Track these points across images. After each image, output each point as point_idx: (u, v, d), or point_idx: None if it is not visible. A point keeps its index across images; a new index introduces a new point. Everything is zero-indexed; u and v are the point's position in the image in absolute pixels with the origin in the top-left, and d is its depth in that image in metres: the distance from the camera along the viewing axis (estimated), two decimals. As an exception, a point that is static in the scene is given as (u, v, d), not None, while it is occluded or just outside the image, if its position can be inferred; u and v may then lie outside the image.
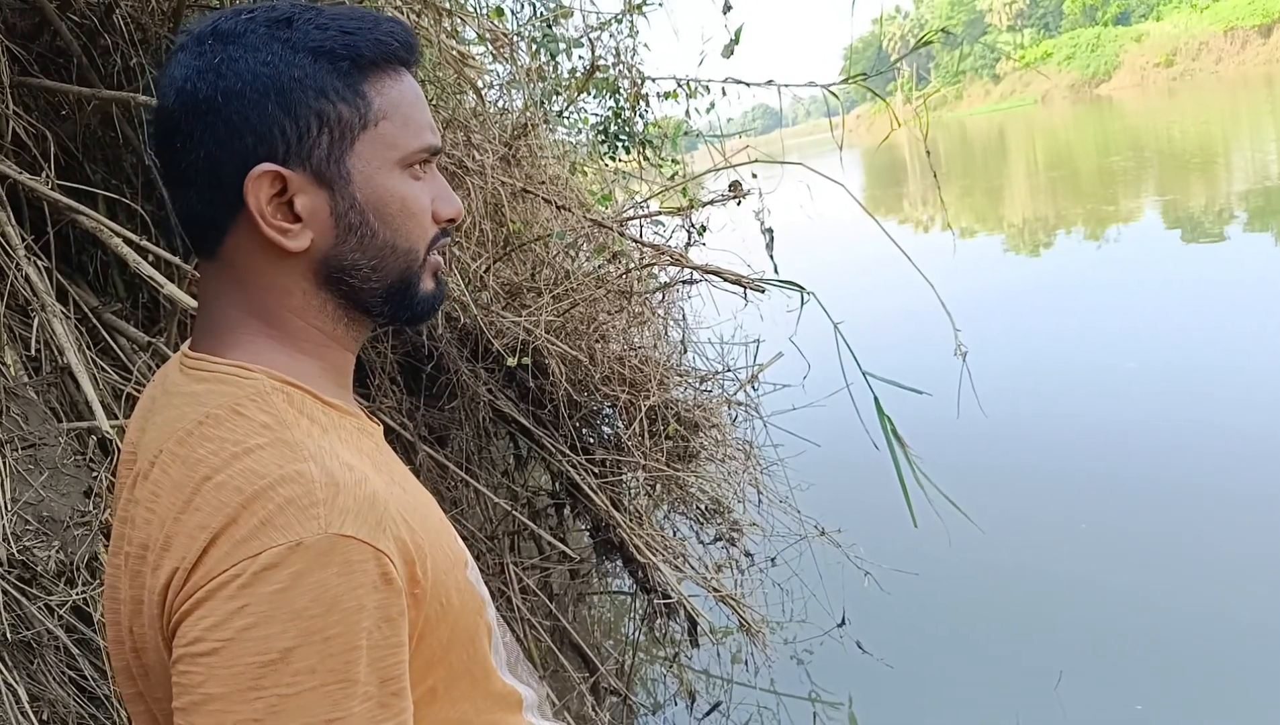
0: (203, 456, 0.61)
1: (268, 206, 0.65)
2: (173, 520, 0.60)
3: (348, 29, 0.66)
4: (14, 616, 1.53)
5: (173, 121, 0.65)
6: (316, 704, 0.55)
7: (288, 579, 0.56)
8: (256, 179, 0.64)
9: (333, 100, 0.65)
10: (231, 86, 0.64)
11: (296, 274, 0.68)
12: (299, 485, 0.59)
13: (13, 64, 1.89)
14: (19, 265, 1.78)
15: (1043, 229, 11.97)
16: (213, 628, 0.56)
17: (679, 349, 3.32)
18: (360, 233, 0.68)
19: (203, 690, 0.55)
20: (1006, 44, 68.86)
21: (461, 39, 3.02)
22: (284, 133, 0.64)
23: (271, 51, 0.64)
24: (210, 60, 0.64)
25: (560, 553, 2.95)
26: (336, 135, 0.66)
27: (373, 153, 0.67)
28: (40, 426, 1.73)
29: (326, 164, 0.66)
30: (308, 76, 0.65)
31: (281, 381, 0.66)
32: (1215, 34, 50.19)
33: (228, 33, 0.65)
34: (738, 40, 2.71)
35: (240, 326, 0.68)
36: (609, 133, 4.12)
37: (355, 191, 0.67)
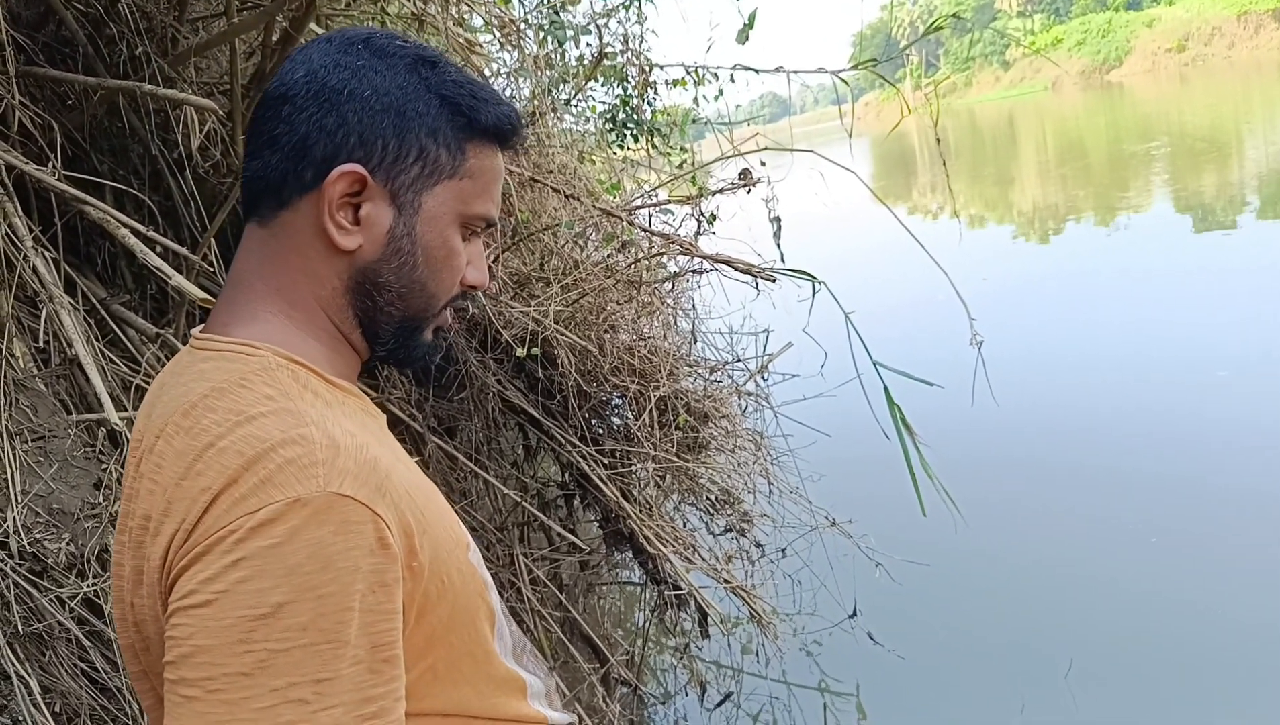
0: (206, 426, 0.63)
1: (339, 200, 0.69)
2: (174, 487, 0.61)
3: (477, 95, 0.73)
4: (25, 609, 1.53)
5: (291, 93, 0.70)
6: (306, 662, 0.56)
7: (284, 534, 0.57)
8: (344, 173, 0.69)
9: (438, 142, 0.72)
10: (360, 90, 0.69)
11: (334, 270, 0.71)
12: (300, 447, 0.60)
13: (18, 53, 1.88)
14: (27, 256, 1.77)
15: (1053, 217, 11.88)
16: (207, 581, 0.56)
17: (689, 339, 3.30)
18: (403, 259, 0.72)
19: (193, 642, 0.56)
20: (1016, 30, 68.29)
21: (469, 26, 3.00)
22: (385, 148, 0.70)
23: (409, 81, 0.71)
24: (353, 61, 0.70)
25: (570, 544, 2.94)
26: (427, 171, 0.71)
27: (446, 199, 0.73)
28: (49, 418, 1.73)
29: (406, 190, 0.71)
30: (428, 114, 0.71)
31: (288, 359, 0.68)
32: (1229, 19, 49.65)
33: (379, 48, 0.72)
34: (751, 25, 2.68)
35: (262, 301, 0.71)
36: (617, 121, 4.09)
37: (417, 223, 0.72)
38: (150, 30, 2.12)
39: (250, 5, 2.26)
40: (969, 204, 13.74)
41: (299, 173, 0.69)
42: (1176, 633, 3.04)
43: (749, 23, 2.88)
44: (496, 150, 0.76)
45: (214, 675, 0.55)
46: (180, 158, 2.29)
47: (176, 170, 2.34)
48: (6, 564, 1.52)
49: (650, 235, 2.98)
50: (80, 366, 1.81)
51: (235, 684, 0.55)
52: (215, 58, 2.43)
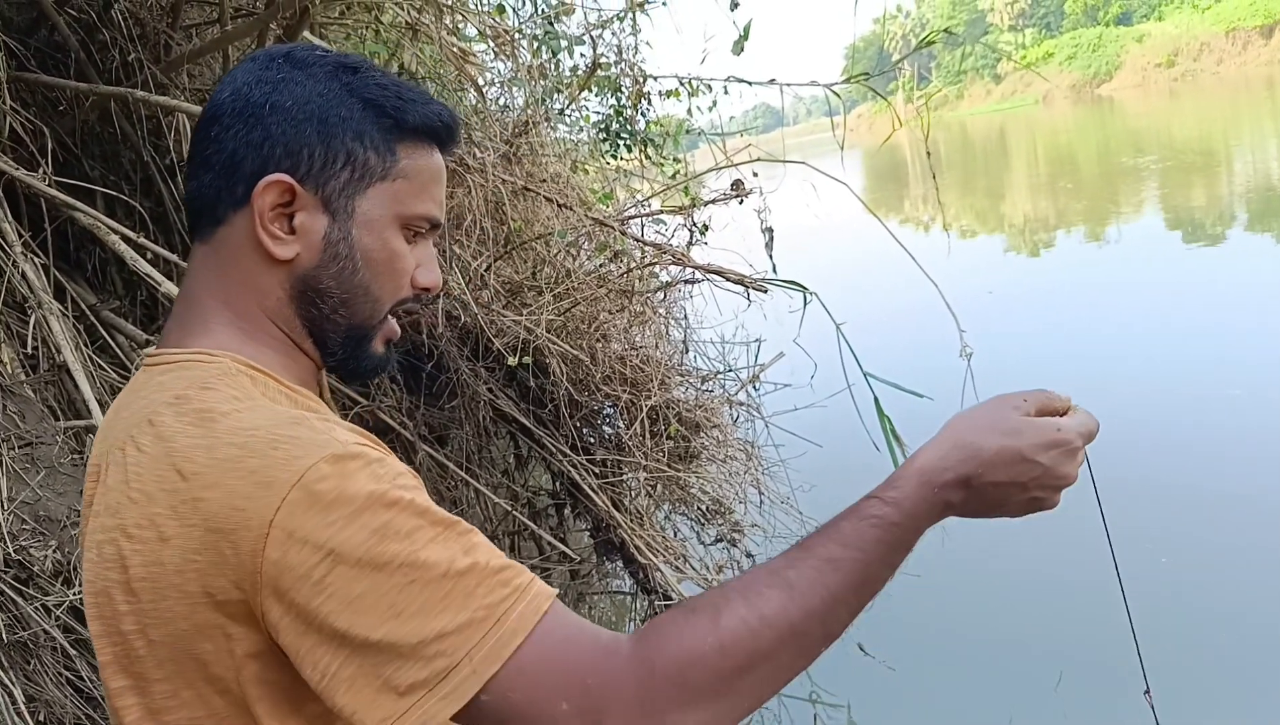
0: (179, 428, 0.63)
1: (270, 211, 0.70)
2: (170, 492, 0.61)
3: (403, 95, 0.73)
4: (10, 617, 1.52)
5: (219, 113, 0.71)
6: (446, 543, 0.59)
7: (342, 480, 0.59)
8: (270, 184, 0.69)
9: (365, 145, 0.72)
10: (281, 101, 0.70)
11: (275, 280, 0.72)
12: (299, 427, 0.62)
13: (10, 59, 1.88)
14: (16, 262, 1.76)
15: (1043, 229, 11.96)
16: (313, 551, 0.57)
17: (680, 349, 3.31)
18: (342, 264, 0.72)
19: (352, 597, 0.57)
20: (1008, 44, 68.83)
21: (463, 36, 3.01)
22: (311, 156, 0.70)
23: (329, 87, 0.71)
24: (274, 75, 0.71)
25: (560, 553, 2.94)
26: (357, 175, 0.71)
27: (381, 202, 0.72)
28: (37, 425, 1.72)
29: (338, 196, 0.71)
30: (352, 118, 0.71)
31: (246, 365, 0.70)
32: (1217, 35, 50.18)
33: (299, 60, 0.72)
34: (746, 36, 2.69)
35: (213, 315, 0.72)
36: (610, 131, 4.10)
37: (353, 228, 0.72)
38: (143, 37, 2.12)
39: (244, 13, 2.26)
40: (960, 216, 13.81)
41: (231, 189, 0.70)
42: (1168, 645, 3.05)
43: (744, 35, 2.90)
44: (433, 149, 0.76)
45: (392, 602, 0.57)
46: (171, 164, 2.29)
47: (167, 176, 2.34)
48: (-9, 571, 1.51)
49: (643, 245, 2.99)
50: (69, 372, 1.80)
51: (410, 595, 0.57)
52: (208, 65, 2.44)
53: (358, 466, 0.60)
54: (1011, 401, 0.76)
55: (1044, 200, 14.56)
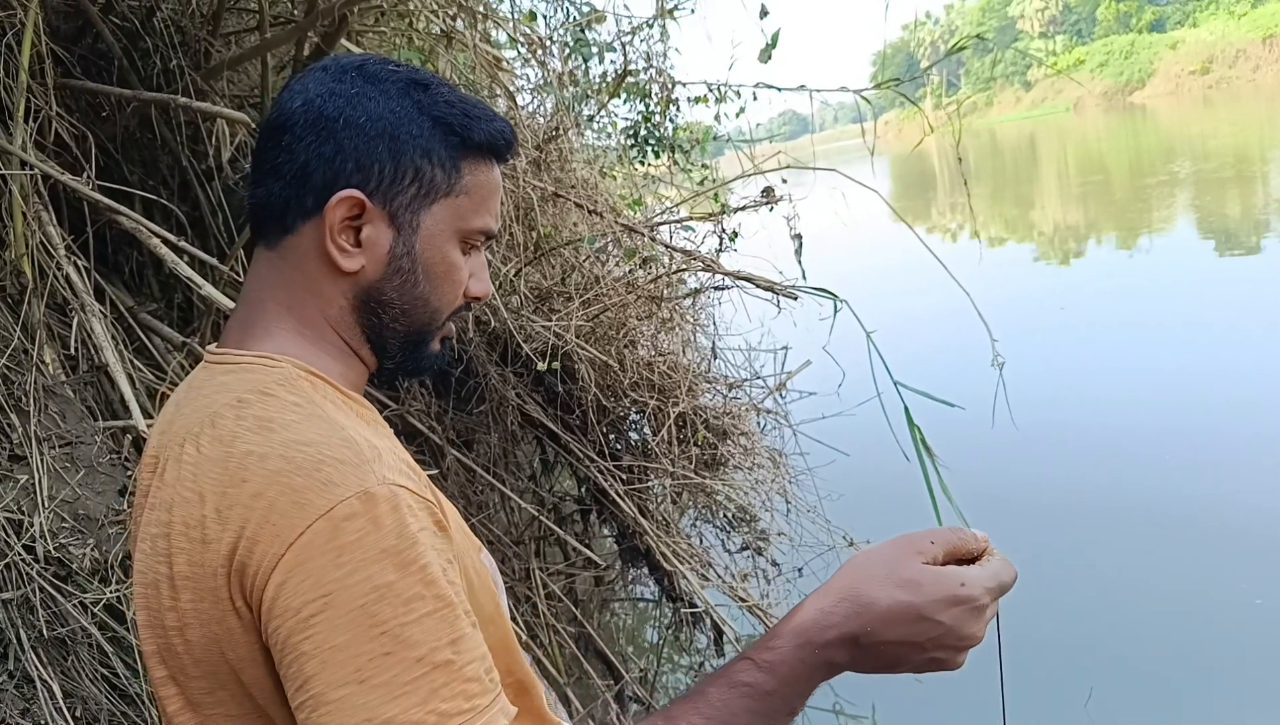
0: (238, 433, 0.65)
1: (339, 224, 0.72)
2: (219, 494, 0.63)
3: (469, 113, 0.76)
4: (49, 613, 1.54)
5: (289, 122, 0.73)
6: (436, 627, 0.58)
7: (368, 524, 0.59)
8: (343, 199, 0.71)
9: (432, 162, 0.74)
10: (355, 117, 0.72)
11: (339, 290, 0.74)
12: (347, 449, 0.63)
13: (56, 65, 1.92)
14: (59, 264, 1.80)
15: (1074, 238, 11.82)
16: (313, 588, 0.58)
17: (708, 355, 3.30)
18: (405, 277, 0.75)
19: (327, 647, 0.57)
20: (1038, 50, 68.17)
21: (495, 43, 3.03)
22: (381, 172, 0.72)
23: (401, 105, 0.73)
24: (347, 89, 0.73)
25: (586, 559, 2.94)
26: (423, 191, 0.74)
27: (444, 217, 0.75)
28: (77, 425, 1.75)
29: (404, 211, 0.74)
30: (421, 136, 0.73)
31: (305, 371, 0.71)
32: (1253, 41, 49.35)
33: (372, 74, 0.74)
34: (774, 44, 2.69)
35: (275, 320, 0.74)
36: (639, 137, 4.11)
37: (416, 242, 0.74)
38: (184, 44, 2.16)
39: (283, 21, 2.29)
40: (989, 224, 13.68)
41: (300, 200, 0.72)
42: (1202, 663, 2.99)
43: (772, 42, 2.89)
44: (492, 164, 0.78)
45: (360, 666, 0.56)
46: (209, 169, 2.32)
47: (205, 181, 2.38)
48: (32, 569, 1.53)
49: (671, 251, 2.99)
50: (108, 373, 1.83)
51: (381, 665, 0.57)
52: (247, 71, 2.47)
53: (386, 511, 0.60)
54: (917, 544, 0.68)
55: (1074, 209, 14.38)
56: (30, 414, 1.66)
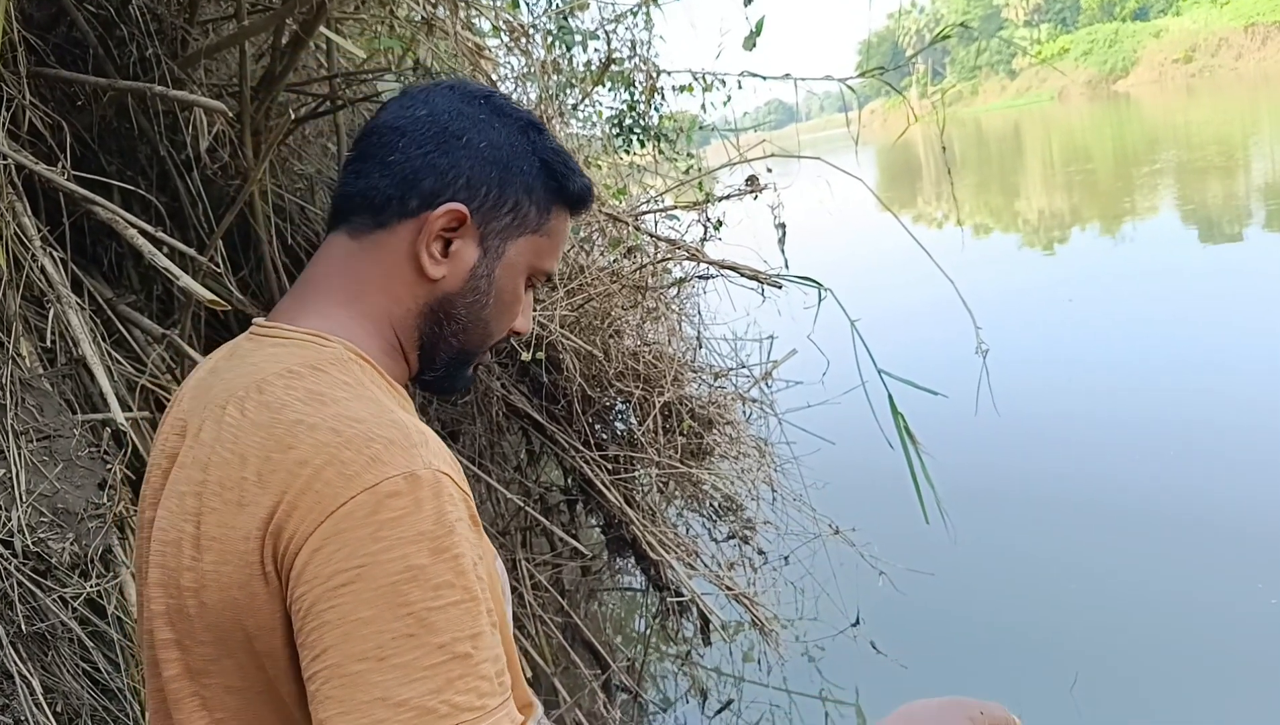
0: (288, 402, 0.65)
1: (436, 232, 0.76)
2: (262, 459, 0.63)
3: (570, 166, 0.82)
4: (28, 609, 1.53)
5: (410, 127, 0.76)
6: (460, 618, 0.59)
7: (410, 504, 0.60)
8: (451, 210, 0.75)
9: (531, 200, 0.79)
10: (476, 140, 0.77)
11: (414, 293, 0.77)
12: (396, 429, 0.64)
13: (30, 54, 1.88)
14: (35, 256, 1.77)
15: (1058, 226, 11.88)
16: (348, 558, 0.58)
17: (693, 345, 3.30)
18: (477, 296, 0.79)
19: (353, 618, 0.57)
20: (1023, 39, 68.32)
21: (477, 31, 3.01)
22: (487, 195, 0.77)
23: (519, 142, 0.79)
24: (475, 112, 0.78)
25: (572, 549, 2.94)
26: (516, 223, 0.79)
27: (524, 252, 0.80)
28: (55, 418, 1.73)
29: (494, 236, 0.78)
30: (529, 174, 0.79)
31: (356, 353, 0.73)
32: (1235, 30, 49.64)
33: (498, 107, 0.80)
34: (759, 32, 2.68)
35: (337, 306, 0.75)
36: (624, 126, 4.10)
37: (495, 267, 0.79)
38: (160, 32, 2.13)
39: (260, 8, 2.26)
40: (974, 213, 13.73)
41: (404, 200, 0.75)
42: (1186, 647, 3.03)
43: (756, 29, 2.88)
44: (569, 215, 0.84)
45: (381, 643, 0.57)
46: (188, 159, 2.30)
47: (184, 171, 2.35)
48: (10, 563, 1.52)
49: (656, 240, 2.98)
50: (86, 366, 1.81)
51: (403, 646, 0.57)
52: (225, 60, 2.44)
53: (428, 495, 0.61)
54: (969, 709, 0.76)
55: (1059, 197, 14.45)
56: (7, 407, 1.64)
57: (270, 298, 2.51)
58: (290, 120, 2.20)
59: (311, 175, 2.69)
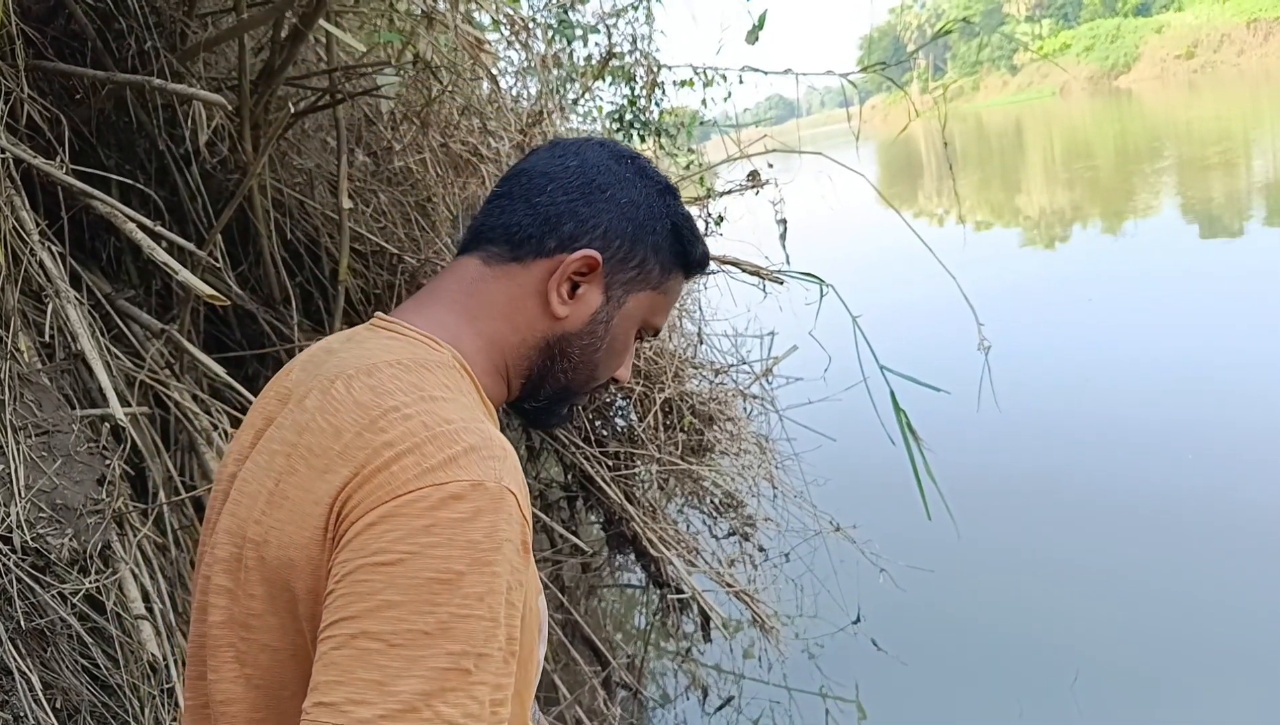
0: (390, 389, 0.69)
1: (569, 274, 0.80)
2: (355, 434, 0.66)
3: (696, 233, 0.88)
4: (27, 604, 1.52)
5: (559, 174, 0.82)
6: (478, 632, 0.60)
7: (469, 511, 0.62)
8: (587, 256, 0.80)
9: (657, 258, 0.85)
10: (619, 196, 0.82)
11: (535, 328, 0.81)
12: (481, 437, 0.66)
13: (28, 47, 1.87)
14: (33, 250, 1.76)
15: (1059, 222, 11.86)
16: (398, 540, 0.60)
17: (694, 341, 3.29)
18: (594, 341, 0.83)
19: (381, 597, 0.59)
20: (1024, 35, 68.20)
21: (477, 24, 2.99)
22: (620, 247, 0.82)
23: (657, 204, 0.84)
24: (621, 170, 0.84)
25: (572, 546, 2.93)
26: (640, 277, 0.84)
27: (643, 305, 0.85)
28: (53, 413, 1.72)
29: (619, 286, 0.83)
30: (660, 234, 0.85)
31: (461, 364, 0.77)
32: (1238, 26, 49.53)
33: (642, 168, 0.85)
34: (761, 26, 2.67)
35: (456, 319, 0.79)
36: (624, 121, 4.09)
37: (615, 316, 0.84)
38: (159, 25, 2.12)
39: (260, 1, 2.25)
40: (975, 209, 13.71)
41: (543, 239, 0.80)
42: (1188, 645, 3.02)
43: (758, 24, 2.87)
44: (684, 279, 0.89)
45: (398, 630, 0.59)
46: (187, 153, 2.28)
47: (183, 165, 2.34)
48: (9, 559, 1.51)
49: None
50: (85, 361, 1.80)
51: (417, 641, 0.59)
52: (224, 53, 2.43)
53: (488, 507, 0.63)
54: None
55: (1060, 193, 14.43)
56: (5, 403, 1.64)
57: (269, 292, 2.50)
58: (289, 114, 2.19)
59: (311, 169, 2.68)
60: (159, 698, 1.62)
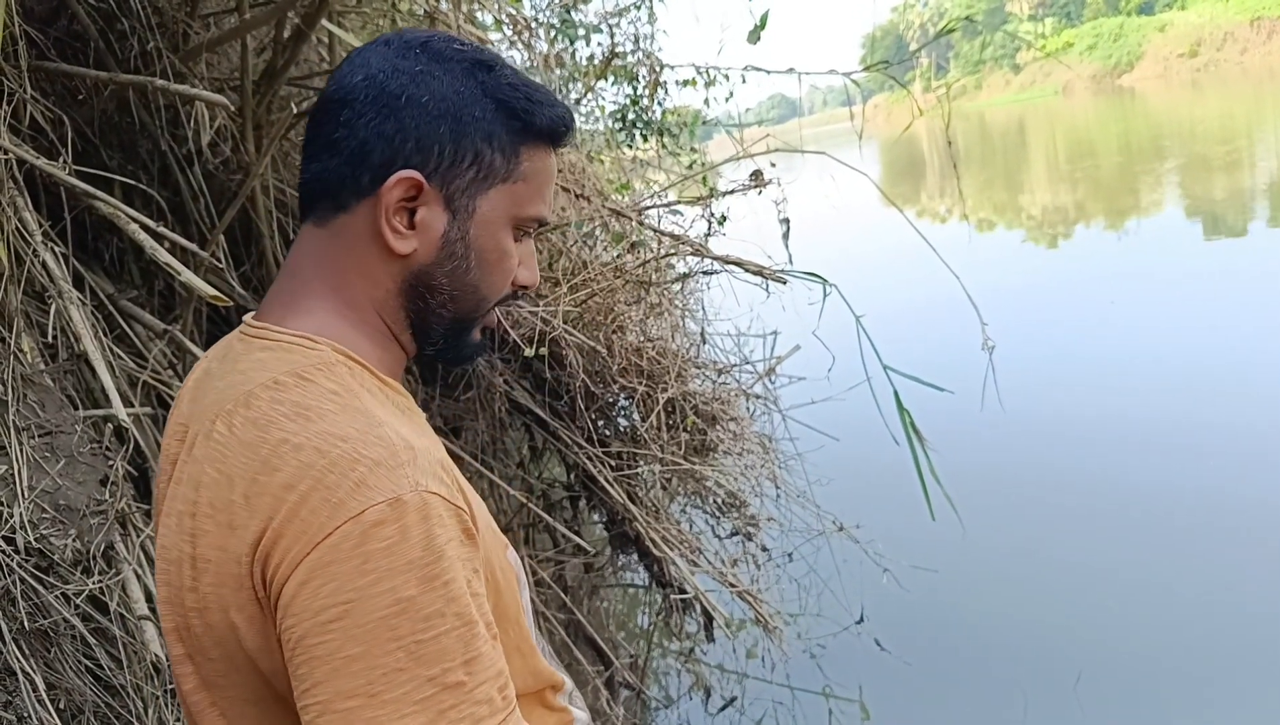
0: (273, 418, 0.63)
1: (395, 205, 0.70)
2: (249, 480, 0.62)
3: (532, 97, 0.74)
4: (31, 605, 1.52)
5: (350, 97, 0.71)
6: (453, 646, 0.58)
7: (397, 533, 0.58)
8: (401, 180, 0.69)
9: (494, 147, 0.72)
10: (418, 96, 0.70)
11: (389, 272, 0.73)
12: (382, 447, 0.61)
13: (31, 48, 1.87)
14: (36, 251, 1.76)
15: (1062, 221, 11.84)
16: (335, 592, 0.57)
17: (697, 341, 3.29)
18: (457, 262, 0.73)
19: (342, 654, 0.56)
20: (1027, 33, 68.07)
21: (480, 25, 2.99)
22: (441, 154, 0.71)
23: (466, 86, 0.71)
24: (411, 66, 0.71)
25: (575, 545, 2.93)
26: (481, 175, 0.72)
27: (500, 203, 0.74)
28: (57, 414, 1.72)
29: (461, 194, 0.72)
30: (484, 119, 0.72)
31: (345, 355, 0.70)
32: (1241, 24, 49.43)
33: (437, 52, 0.72)
34: (763, 26, 2.66)
35: (319, 299, 0.72)
36: (627, 121, 4.09)
37: (471, 227, 0.73)
38: (162, 25, 2.12)
39: (262, 1, 2.25)
40: (978, 208, 13.69)
41: (357, 178, 0.70)
42: (1190, 645, 3.01)
43: (761, 23, 2.86)
44: (549, 151, 0.76)
45: (372, 679, 0.56)
46: (189, 153, 2.29)
47: (185, 166, 2.34)
48: (12, 560, 1.51)
49: (660, 235, 2.97)
50: (88, 362, 1.80)
51: (393, 681, 0.56)
52: (226, 54, 2.43)
53: (415, 520, 0.59)
54: None
55: (1063, 192, 14.41)
56: (8, 403, 1.64)
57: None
58: (292, 114, 2.19)
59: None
60: (162, 698, 1.62)
